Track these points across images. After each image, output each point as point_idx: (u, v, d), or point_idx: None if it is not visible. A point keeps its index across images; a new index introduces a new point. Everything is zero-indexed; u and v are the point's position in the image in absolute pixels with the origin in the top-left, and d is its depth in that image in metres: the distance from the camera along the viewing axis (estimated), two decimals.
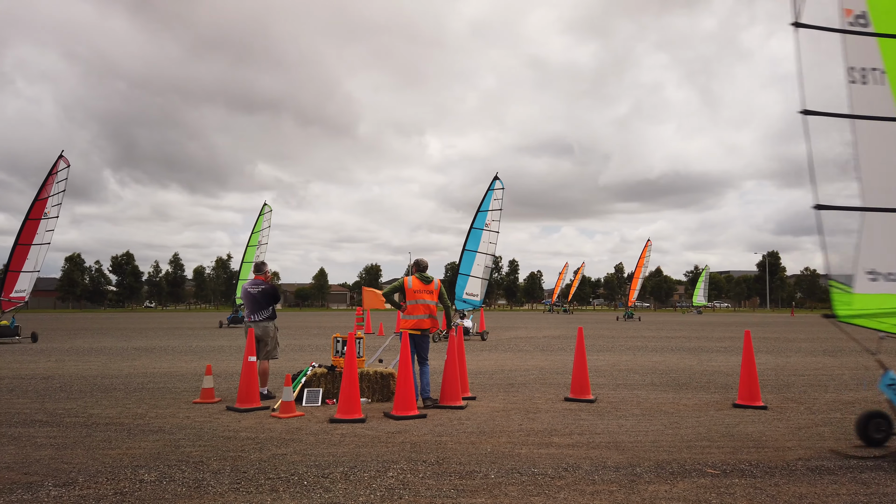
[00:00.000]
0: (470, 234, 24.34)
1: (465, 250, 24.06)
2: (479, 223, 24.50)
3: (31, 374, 12.54)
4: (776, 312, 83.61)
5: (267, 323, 9.61)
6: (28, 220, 23.12)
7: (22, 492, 4.94)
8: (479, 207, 24.55)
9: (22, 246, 23.12)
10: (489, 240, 24.65)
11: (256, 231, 36.90)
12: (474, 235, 24.36)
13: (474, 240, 24.37)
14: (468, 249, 24.09)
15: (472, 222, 24.47)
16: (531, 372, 13.12)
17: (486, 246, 24.58)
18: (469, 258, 24.20)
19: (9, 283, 22.98)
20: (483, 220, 24.57)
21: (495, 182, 25.13)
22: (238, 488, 5.05)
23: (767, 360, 15.72)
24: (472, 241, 24.33)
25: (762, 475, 5.50)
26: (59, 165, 23.56)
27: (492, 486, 5.16)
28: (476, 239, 24.42)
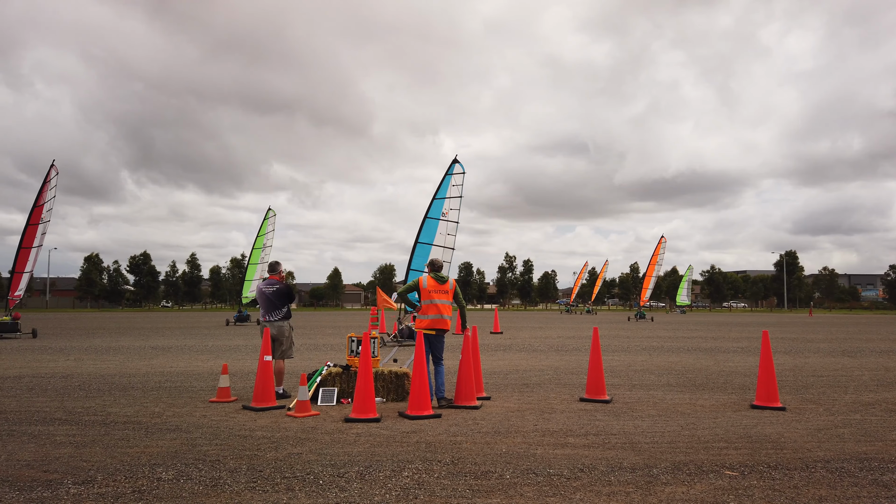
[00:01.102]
0: (424, 225, 21.34)
1: (418, 243, 21.10)
2: (434, 212, 21.62)
3: (50, 373, 12.70)
4: (794, 312, 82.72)
5: (282, 322, 9.66)
6: (29, 225, 25.55)
7: (42, 489, 5.00)
8: (435, 194, 21.64)
9: (24, 249, 25.55)
10: (447, 231, 21.82)
11: (261, 234, 39.12)
12: (429, 226, 21.43)
13: (429, 231, 21.47)
14: (421, 242, 21.17)
15: (426, 211, 21.55)
16: (546, 372, 13.07)
17: (444, 238, 21.71)
18: (423, 252, 21.27)
19: (14, 284, 25.61)
20: (439, 208, 21.72)
21: (454, 166, 22.13)
22: (254, 487, 5.08)
23: (785, 361, 15.55)
24: (427, 233, 21.42)
25: (781, 477, 5.44)
26: (51, 174, 25.86)
27: (507, 486, 5.15)
28: (431, 230, 21.53)
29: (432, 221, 21.38)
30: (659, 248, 51.73)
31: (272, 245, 39.54)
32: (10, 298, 25.50)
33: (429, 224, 21.42)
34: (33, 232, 25.79)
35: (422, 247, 21.23)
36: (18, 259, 25.84)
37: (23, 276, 25.86)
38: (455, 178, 21.99)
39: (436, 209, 21.56)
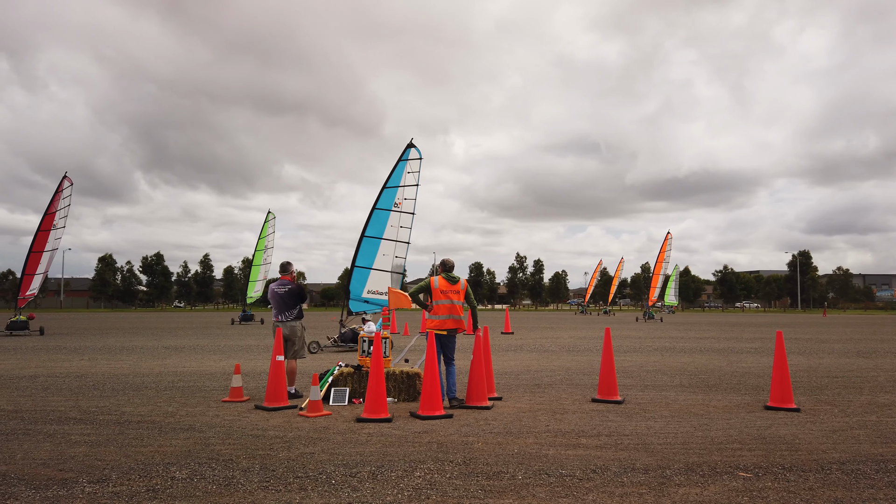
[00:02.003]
0: (372, 217, 18.90)
1: (365, 237, 18.76)
2: (385, 202, 19.24)
3: (65, 373, 12.82)
4: (808, 313, 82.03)
5: (294, 322, 9.70)
6: (40, 231, 27.35)
7: (58, 488, 5.05)
8: (386, 182, 19.19)
9: (35, 253, 27.21)
10: (400, 223, 19.28)
11: (262, 237, 40.87)
12: (377, 218, 19.05)
13: (378, 223, 19.04)
14: (368, 236, 18.82)
15: (375, 201, 19.17)
16: (557, 372, 13.04)
17: (396, 231, 19.26)
18: (370, 247, 18.92)
19: (25, 284, 27.33)
20: (391, 198, 19.28)
21: (409, 150, 19.71)
22: (267, 486, 5.10)
23: (799, 362, 15.42)
24: (375, 226, 18.98)
25: (796, 479, 5.40)
26: (63, 185, 27.66)
27: (519, 486, 5.14)
28: (380, 222, 19.08)
29: (382, 213, 19.03)
30: (665, 244, 49.36)
31: (273, 247, 41.28)
32: (21, 298, 27.34)
33: (377, 216, 19.04)
34: (44, 238, 27.42)
35: (369, 241, 18.98)
36: (29, 262, 27.40)
37: (34, 277, 27.50)
38: (411, 164, 19.61)
39: (386, 199, 19.21)
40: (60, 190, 27.68)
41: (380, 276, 18.76)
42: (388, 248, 18.96)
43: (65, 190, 27.90)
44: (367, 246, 18.72)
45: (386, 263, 18.96)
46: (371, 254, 18.78)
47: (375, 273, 18.68)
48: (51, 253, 27.75)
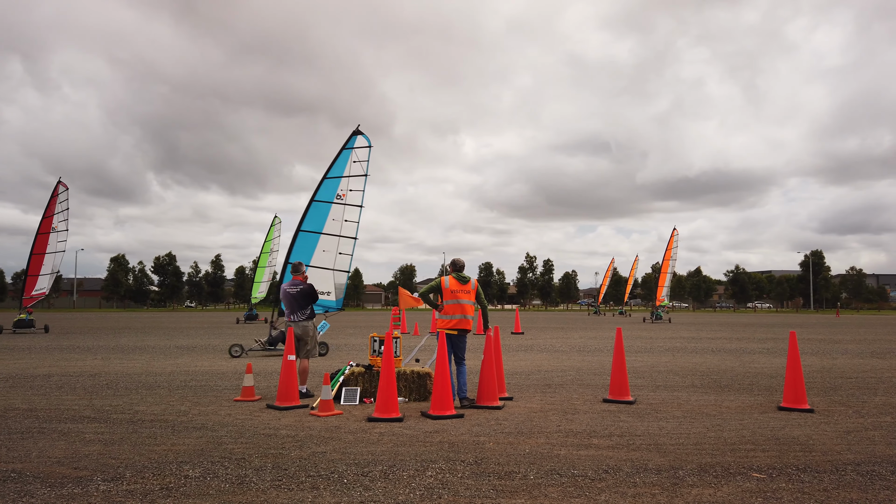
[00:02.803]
0: (309, 209, 17.35)
1: (300, 231, 17.28)
2: (325, 194, 17.61)
3: (78, 372, 12.92)
4: (820, 313, 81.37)
5: (307, 322, 9.74)
6: (39, 234, 28.67)
7: (72, 486, 5.09)
8: (327, 173, 17.59)
9: (37, 255, 28.68)
10: (345, 216, 17.71)
11: (268, 240, 42.45)
12: (316, 210, 17.47)
13: (316, 217, 17.50)
14: (304, 230, 17.33)
15: (313, 193, 17.59)
16: (568, 373, 13.01)
17: (339, 225, 17.72)
18: (307, 242, 17.39)
19: (28, 285, 28.75)
20: (333, 189, 17.67)
21: (355, 138, 18.07)
22: (280, 485, 5.12)
23: (813, 362, 15.31)
24: (313, 219, 17.46)
25: (810, 480, 5.36)
26: (58, 189, 28.92)
27: (531, 486, 5.13)
28: (319, 215, 17.53)
29: (321, 205, 17.54)
30: (672, 241, 46.86)
31: (278, 250, 43.20)
32: (26, 298, 28.75)
33: (316, 209, 17.48)
34: (44, 240, 28.82)
35: (305, 236, 17.39)
36: (31, 264, 28.88)
37: (38, 278, 28.88)
38: (357, 152, 18.01)
39: (327, 190, 17.67)
40: (56, 195, 28.96)
41: (320, 273, 17.34)
42: (329, 244, 17.58)
43: (60, 195, 29.05)
44: (304, 241, 17.31)
45: (327, 260, 17.53)
46: (308, 250, 17.38)
47: (313, 270, 17.26)
48: (54, 255, 29.03)
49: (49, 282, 29.16)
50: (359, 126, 17.98)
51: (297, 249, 17.18)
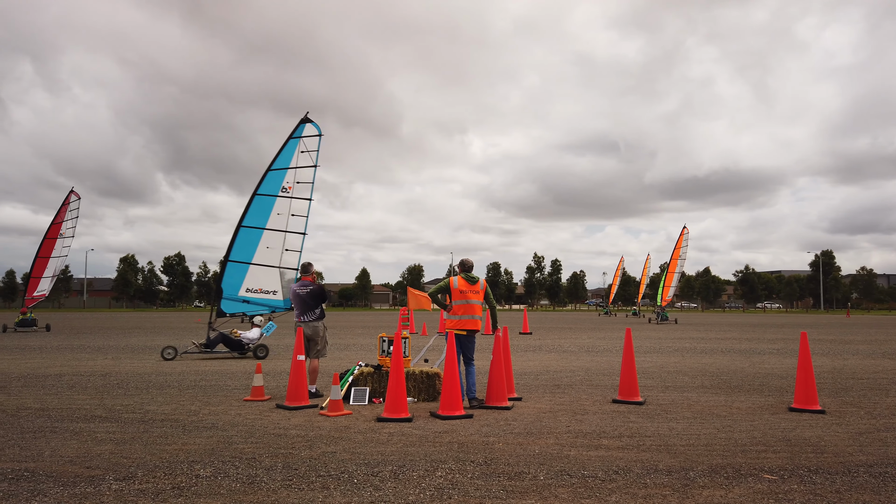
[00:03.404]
0: (252, 204, 16.46)
1: (241, 227, 16.42)
2: (269, 187, 16.60)
3: (89, 371, 13.00)
4: (830, 313, 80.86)
5: (317, 322, 9.77)
6: (46, 239, 29.49)
7: (85, 485, 5.12)
8: (272, 164, 16.67)
9: (41, 258, 29.56)
10: (291, 211, 16.75)
11: None
12: (259, 205, 16.53)
13: (259, 211, 16.54)
14: (246, 226, 16.43)
15: (256, 186, 16.65)
16: (577, 373, 12.98)
17: (285, 220, 16.72)
18: (249, 238, 16.45)
19: (31, 287, 29.83)
20: (278, 181, 16.66)
21: (303, 126, 16.96)
22: (290, 485, 5.14)
23: (823, 363, 15.21)
24: (255, 214, 16.50)
25: (822, 482, 5.32)
26: (70, 198, 29.71)
27: (541, 487, 5.12)
28: (263, 210, 16.57)
29: (265, 199, 16.58)
30: (681, 240, 44.53)
31: None
32: (29, 299, 29.80)
33: (259, 202, 16.51)
34: (51, 245, 29.62)
35: (247, 232, 16.45)
36: (35, 266, 29.65)
37: (40, 280, 29.87)
38: (305, 141, 16.91)
39: (271, 183, 16.62)
40: (67, 203, 29.60)
41: (263, 271, 16.50)
42: (273, 240, 16.59)
43: (71, 203, 29.73)
44: (245, 237, 16.46)
45: (272, 258, 16.56)
46: (250, 246, 16.49)
47: (256, 268, 16.46)
48: (57, 260, 29.92)
49: (50, 284, 30.19)
50: (307, 113, 17.04)
51: (237, 247, 16.44)
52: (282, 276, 16.74)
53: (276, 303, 16.78)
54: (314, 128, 16.98)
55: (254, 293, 16.52)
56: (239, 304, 16.49)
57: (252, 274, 16.48)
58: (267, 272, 16.58)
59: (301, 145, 16.82)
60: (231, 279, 16.40)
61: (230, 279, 16.41)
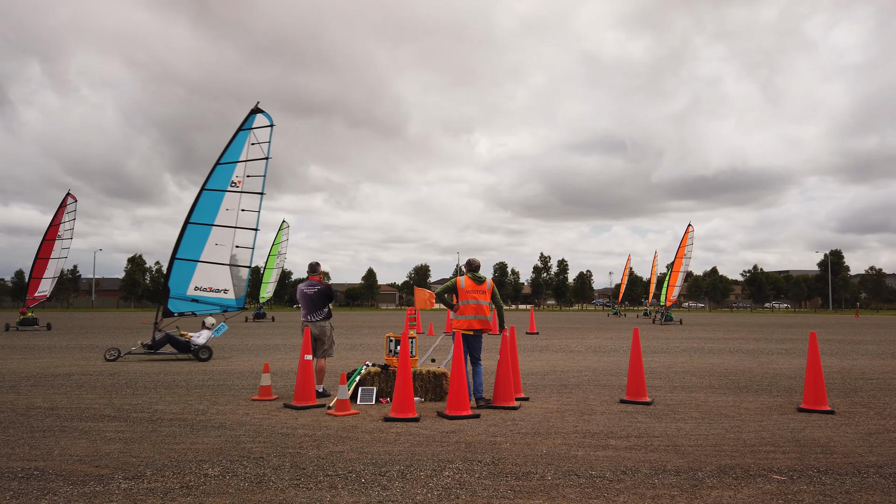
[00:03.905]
0: (199, 200, 16.03)
1: (189, 224, 16.01)
2: (217, 182, 16.08)
3: (98, 371, 13.07)
4: (839, 313, 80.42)
5: (324, 322, 9.79)
6: (45, 240, 30.23)
7: (94, 484, 5.15)
8: (220, 158, 16.13)
9: (41, 260, 30.38)
10: (241, 205, 16.21)
11: (276, 243, 45.63)
12: (207, 200, 16.04)
13: (207, 207, 16.05)
14: (193, 223, 16.01)
15: (204, 181, 16.15)
16: (584, 373, 12.96)
17: (234, 216, 16.14)
18: (197, 235, 16.04)
19: (32, 287, 30.70)
20: (227, 175, 16.14)
21: (253, 117, 16.45)
22: (298, 484, 5.15)
23: (832, 363, 15.13)
24: (203, 210, 16.03)
25: (832, 482, 5.29)
26: (67, 201, 30.37)
27: (549, 487, 5.11)
28: (211, 206, 16.08)
29: (213, 194, 16.03)
30: (686, 238, 42.72)
31: (286, 253, 47.15)
32: (30, 299, 30.71)
33: (206, 198, 15.99)
34: (49, 246, 30.40)
35: (195, 228, 15.99)
36: (35, 267, 30.57)
37: (41, 281, 30.72)
38: (256, 133, 16.35)
39: (220, 177, 16.07)
40: (64, 205, 30.28)
41: (212, 269, 16.06)
42: (223, 237, 16.13)
43: (68, 206, 30.38)
44: (193, 234, 16.01)
45: (221, 255, 16.09)
46: (198, 243, 16.03)
47: (205, 266, 16.01)
48: (57, 261, 30.65)
49: (50, 285, 30.99)
50: (258, 103, 16.55)
51: (185, 244, 15.98)
52: (233, 274, 16.31)
53: (227, 302, 16.41)
54: (265, 118, 16.53)
55: (203, 291, 16.12)
56: (188, 304, 16.12)
57: (200, 272, 16.09)
58: (217, 270, 16.15)
59: (251, 137, 16.34)
60: (178, 277, 16.03)
61: (177, 277, 16.02)
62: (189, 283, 16.03)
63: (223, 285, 16.19)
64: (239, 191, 16.13)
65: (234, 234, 16.21)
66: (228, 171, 16.13)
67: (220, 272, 16.11)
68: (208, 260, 16.07)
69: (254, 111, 16.45)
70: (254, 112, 16.44)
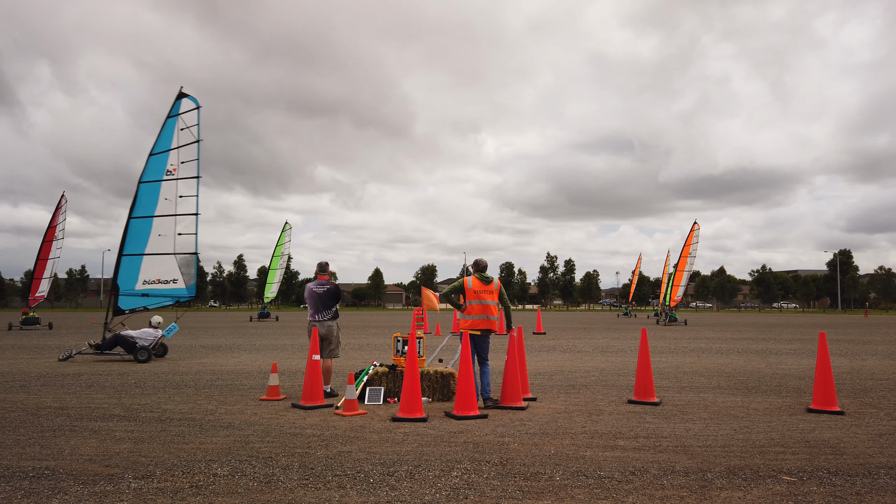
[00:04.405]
0: (137, 194, 15.96)
1: (131, 219, 16.04)
2: (152, 173, 16.00)
3: (107, 371, 13.13)
4: (848, 314, 79.92)
5: (331, 322, 9.80)
6: (45, 242, 31.33)
7: (104, 483, 5.18)
8: (153, 148, 16.12)
9: (42, 261, 31.45)
10: (179, 193, 16.17)
11: (279, 244, 46.93)
12: (145, 193, 15.99)
13: (146, 200, 16.01)
14: (135, 217, 16.01)
15: (140, 175, 16.12)
16: (592, 373, 12.93)
17: (173, 204, 16.11)
18: (140, 229, 15.98)
19: (34, 287, 31.95)
20: (161, 166, 16.06)
21: (179, 102, 16.37)
22: (307, 484, 5.16)
23: (842, 363, 15.04)
24: (143, 203, 15.99)
25: (842, 483, 5.27)
26: (62, 202, 31.54)
27: (557, 488, 5.11)
28: (150, 198, 16.01)
29: (150, 186, 15.98)
30: (692, 236, 40.65)
31: (289, 254, 49.25)
32: (31, 299, 31.87)
33: (144, 191, 15.93)
34: (48, 248, 31.44)
35: (137, 223, 15.98)
36: (37, 268, 31.63)
37: (41, 281, 31.83)
38: (184, 118, 16.22)
39: (155, 168, 15.99)
40: (59, 207, 31.29)
41: (159, 260, 16.06)
42: (165, 226, 16.07)
43: (63, 206, 31.35)
44: (136, 228, 16.00)
45: (165, 245, 16.08)
46: (142, 237, 16.02)
47: (151, 258, 16.01)
48: (53, 261, 31.55)
49: (48, 285, 32.09)
50: (182, 88, 16.44)
51: (129, 240, 15.98)
52: (180, 263, 16.22)
53: (177, 291, 16.28)
54: (191, 101, 16.43)
55: (152, 284, 16.05)
56: (138, 299, 16.04)
57: (147, 265, 16.07)
58: (162, 260, 16.16)
59: (180, 122, 16.27)
60: (126, 274, 16.07)
61: (125, 274, 16.06)
62: (138, 278, 16.06)
63: (172, 275, 16.16)
64: (175, 178, 16.15)
65: (175, 221, 16.22)
66: (162, 160, 16.17)
67: (168, 262, 16.14)
68: (153, 252, 16.11)
69: (179, 96, 16.37)
70: (179, 97, 16.36)
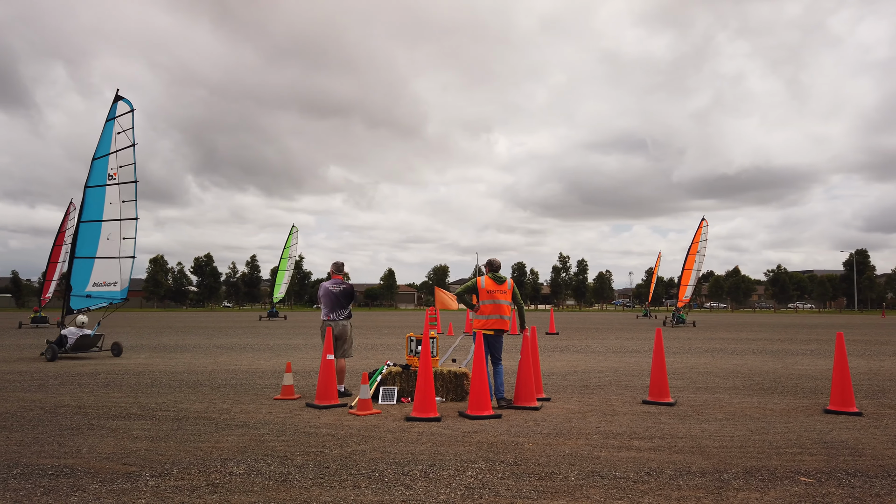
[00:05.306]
0: (84, 198, 16.31)
1: (81, 223, 16.33)
2: (96, 178, 16.27)
3: (123, 370, 13.26)
4: (865, 314, 79.05)
5: (345, 322, 9.84)
6: (55, 245, 34.25)
7: (122, 481, 5.23)
8: (95, 154, 16.41)
9: (52, 263, 34.32)
10: (122, 197, 16.48)
11: (287, 247, 48.80)
12: (91, 198, 16.30)
13: (93, 204, 16.34)
14: (85, 221, 16.28)
15: (86, 180, 16.32)
16: (606, 373, 12.88)
17: (118, 208, 16.49)
18: (90, 233, 16.32)
19: (45, 288, 35.47)
20: (103, 170, 16.32)
21: (115, 106, 16.55)
22: (322, 483, 5.18)
23: (859, 364, 14.88)
24: (91, 207, 16.32)
25: (861, 485, 5.21)
26: (70, 208, 33.66)
27: (572, 488, 5.09)
28: (96, 202, 16.32)
29: (95, 191, 16.23)
30: (699, 234, 38.33)
31: (295, 256, 50.48)
32: (42, 299, 35.16)
33: (91, 196, 16.24)
34: (59, 251, 34.02)
35: (87, 227, 16.30)
36: (48, 270, 34.47)
37: (51, 283, 34.71)
38: (120, 121, 16.43)
39: (97, 173, 16.26)
40: (68, 213, 33.57)
41: (107, 264, 16.51)
42: (112, 230, 16.47)
43: (72, 213, 33.11)
44: (86, 232, 16.32)
45: (113, 248, 16.55)
46: (92, 241, 16.35)
47: (102, 262, 16.46)
48: (62, 264, 33.36)
49: (53, 288, 34.90)
50: (118, 91, 16.58)
51: (80, 244, 16.30)
52: (121, 267, 16.71)
53: (113, 294, 16.73)
54: (126, 104, 16.61)
55: (99, 287, 16.55)
56: (84, 300, 16.53)
57: (98, 268, 16.54)
58: (109, 264, 16.61)
59: (116, 126, 16.45)
60: (79, 276, 16.49)
61: (78, 276, 16.47)
62: (88, 280, 16.51)
63: (113, 278, 16.69)
64: (116, 182, 16.48)
65: (120, 226, 16.67)
66: (104, 164, 16.47)
67: (111, 266, 16.65)
68: (103, 255, 16.57)
69: (115, 99, 16.51)
70: (115, 100, 16.50)
